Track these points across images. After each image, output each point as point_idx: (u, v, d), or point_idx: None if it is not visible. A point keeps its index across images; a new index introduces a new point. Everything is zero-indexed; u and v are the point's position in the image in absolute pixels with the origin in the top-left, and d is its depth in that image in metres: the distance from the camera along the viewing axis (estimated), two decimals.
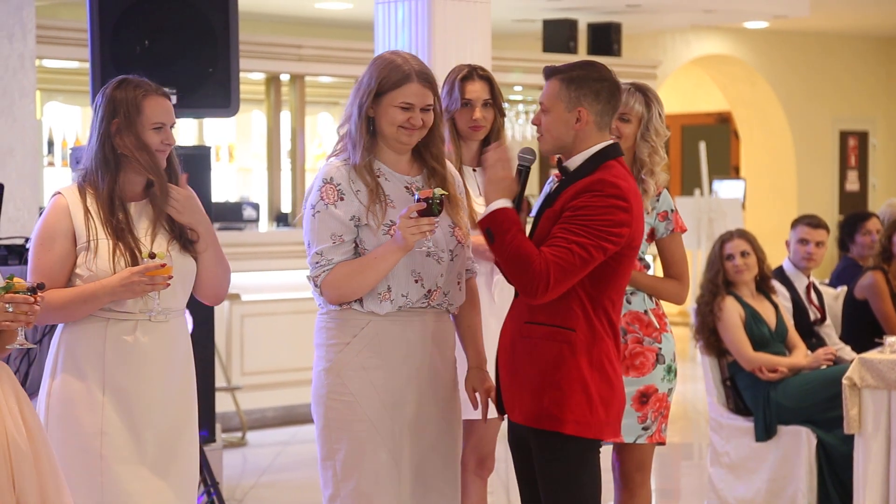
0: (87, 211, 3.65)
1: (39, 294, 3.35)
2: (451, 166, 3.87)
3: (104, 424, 3.62)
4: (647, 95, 4.46)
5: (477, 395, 3.81)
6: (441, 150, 3.79)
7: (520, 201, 3.69)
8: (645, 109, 4.44)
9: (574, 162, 3.63)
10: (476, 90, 4.41)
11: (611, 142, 3.65)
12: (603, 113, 3.61)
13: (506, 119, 4.66)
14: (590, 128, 3.60)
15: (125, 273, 3.58)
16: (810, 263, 6.38)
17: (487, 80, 4.46)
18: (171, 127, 3.73)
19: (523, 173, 3.72)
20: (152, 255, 3.59)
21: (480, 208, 4.20)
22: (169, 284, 3.62)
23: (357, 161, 3.67)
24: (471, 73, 4.45)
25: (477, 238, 3.98)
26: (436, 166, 3.76)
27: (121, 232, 3.64)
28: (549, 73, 3.65)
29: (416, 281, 3.69)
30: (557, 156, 3.74)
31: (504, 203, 3.58)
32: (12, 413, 3.39)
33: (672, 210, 4.50)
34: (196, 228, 3.75)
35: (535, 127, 3.74)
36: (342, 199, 3.64)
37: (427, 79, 3.69)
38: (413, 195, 3.67)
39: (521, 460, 3.74)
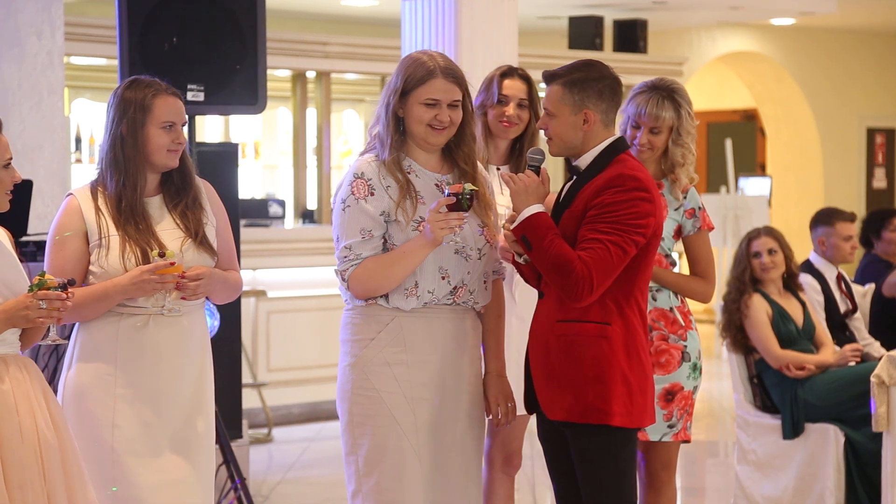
0: (98, 210, 3.69)
1: (70, 290, 3.39)
2: (481, 168, 3.87)
3: (116, 417, 3.65)
4: (675, 100, 4.40)
5: (493, 403, 3.82)
6: (472, 149, 3.78)
7: None
8: (675, 116, 4.41)
9: (584, 160, 3.67)
10: (514, 87, 4.38)
11: (617, 136, 3.69)
12: (608, 111, 3.65)
13: None
14: (597, 127, 3.64)
15: (135, 272, 3.61)
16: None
17: (527, 80, 4.43)
18: (183, 126, 3.75)
19: (534, 174, 3.71)
20: (162, 254, 3.61)
21: (501, 208, 4.19)
22: (179, 283, 3.63)
23: (386, 157, 3.68)
24: (511, 70, 4.43)
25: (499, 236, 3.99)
26: (465, 167, 3.76)
27: (131, 229, 3.66)
28: (549, 77, 3.67)
29: (443, 278, 3.69)
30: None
31: (536, 208, 3.60)
32: (41, 408, 3.42)
33: (700, 208, 4.49)
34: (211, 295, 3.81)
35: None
36: (372, 193, 3.65)
37: (453, 75, 3.69)
38: (443, 192, 3.68)
39: (555, 457, 3.75)
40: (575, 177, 3.68)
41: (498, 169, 4.42)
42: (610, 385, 3.56)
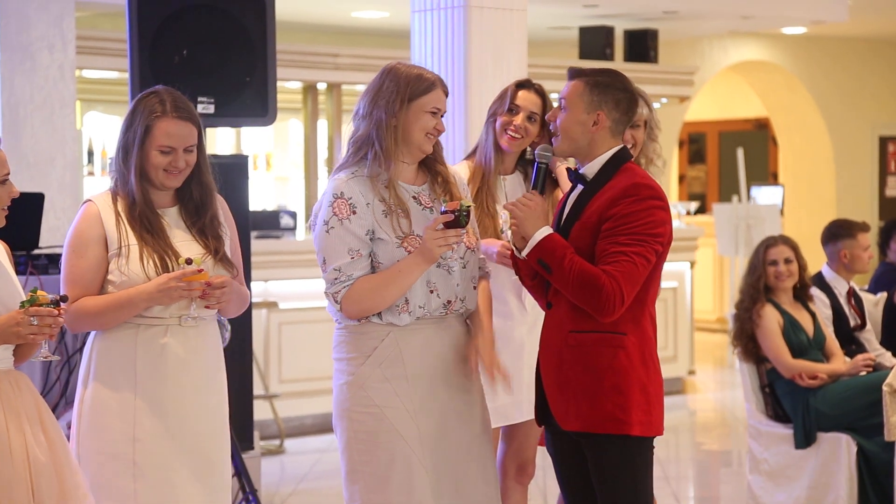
0: (118, 216, 3.66)
1: (63, 306, 3.37)
2: (451, 167, 3.88)
3: (137, 431, 3.62)
4: (644, 97, 4.49)
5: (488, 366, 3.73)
6: (441, 150, 3.81)
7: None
8: (649, 111, 4.48)
9: (591, 169, 3.66)
10: (527, 99, 4.39)
11: (622, 146, 3.70)
12: (619, 122, 3.66)
13: None
14: (604, 133, 3.64)
15: (162, 279, 3.58)
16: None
17: (542, 95, 4.44)
18: (187, 150, 3.67)
19: (542, 171, 3.70)
20: (189, 261, 3.59)
21: (501, 220, 4.20)
22: (205, 290, 3.62)
23: (387, 171, 3.66)
24: (528, 83, 4.45)
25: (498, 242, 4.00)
26: (440, 168, 3.77)
27: (148, 236, 3.64)
28: (575, 73, 3.68)
29: (432, 291, 3.69)
30: (568, 166, 3.76)
31: (546, 231, 3.59)
32: (32, 424, 3.40)
33: None
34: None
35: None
36: (355, 212, 3.63)
37: (445, 86, 3.75)
38: (420, 205, 3.68)
39: (567, 469, 3.74)
40: (581, 186, 3.68)
41: (504, 178, 4.43)
42: (628, 394, 3.55)
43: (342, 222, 3.63)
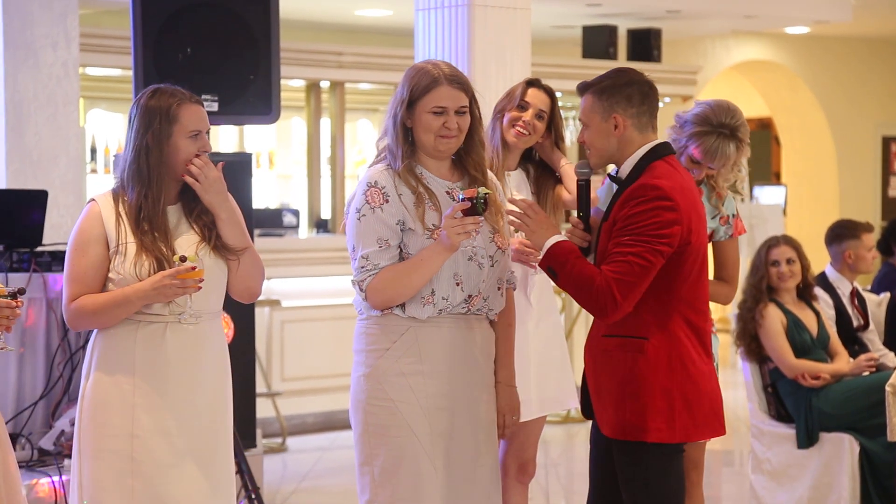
0: (118, 216, 3.67)
1: (20, 299, 3.42)
2: (491, 174, 3.86)
3: (135, 427, 3.63)
4: (738, 138, 4.41)
5: (499, 413, 3.80)
6: (482, 156, 3.78)
7: (587, 215, 3.72)
8: (735, 153, 4.42)
9: (624, 170, 3.65)
10: (537, 97, 4.41)
11: (657, 142, 3.65)
12: (639, 115, 3.62)
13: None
14: (629, 132, 3.61)
15: (157, 277, 3.59)
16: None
17: (551, 95, 4.46)
18: (207, 133, 3.74)
19: (584, 188, 3.74)
20: (183, 259, 3.60)
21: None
22: (200, 287, 3.62)
23: (398, 166, 3.68)
24: (537, 81, 4.47)
25: (513, 241, 4.00)
26: (476, 174, 3.75)
27: (147, 240, 3.65)
28: (582, 88, 3.69)
29: (458, 284, 3.68)
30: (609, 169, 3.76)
31: (556, 238, 3.61)
32: None
33: (734, 215, 4.55)
34: (216, 212, 3.70)
35: (575, 134, 3.76)
36: (387, 201, 3.65)
37: (458, 81, 3.69)
38: (454, 200, 3.67)
39: (598, 463, 3.75)
40: (616, 188, 3.67)
41: (508, 175, 4.44)
42: (645, 400, 3.53)
43: (374, 210, 3.64)
